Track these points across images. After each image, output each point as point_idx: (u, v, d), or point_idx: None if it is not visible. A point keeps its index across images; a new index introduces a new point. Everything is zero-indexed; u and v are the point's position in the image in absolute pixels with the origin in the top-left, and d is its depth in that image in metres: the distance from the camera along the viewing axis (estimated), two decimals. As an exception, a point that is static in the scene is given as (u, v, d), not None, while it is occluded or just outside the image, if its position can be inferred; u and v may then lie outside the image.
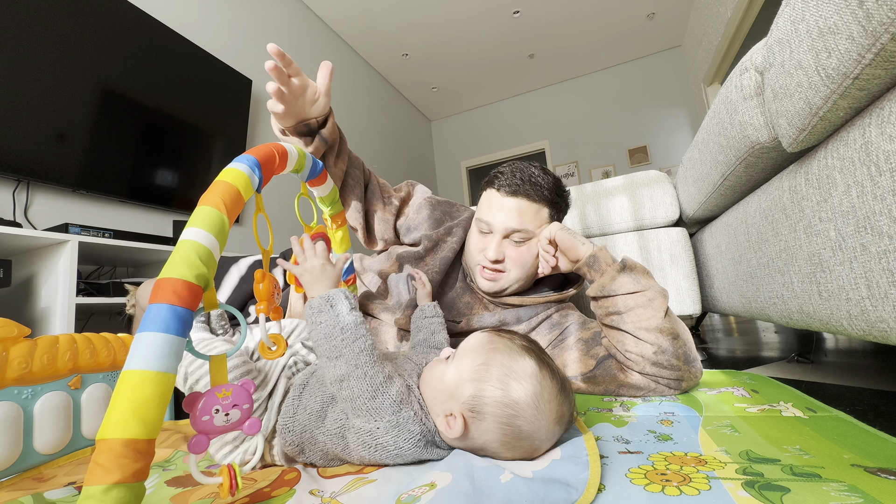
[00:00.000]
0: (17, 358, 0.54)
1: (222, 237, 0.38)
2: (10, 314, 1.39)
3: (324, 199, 0.68)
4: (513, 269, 0.79)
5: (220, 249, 0.39)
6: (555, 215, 0.81)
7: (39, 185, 1.58)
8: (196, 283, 0.35)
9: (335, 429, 0.46)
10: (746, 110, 0.69)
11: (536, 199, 0.77)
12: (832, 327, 0.59)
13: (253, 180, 0.42)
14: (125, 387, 0.31)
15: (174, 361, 0.33)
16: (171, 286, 0.34)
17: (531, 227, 0.78)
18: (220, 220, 0.38)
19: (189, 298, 0.35)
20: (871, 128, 0.45)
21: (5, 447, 0.53)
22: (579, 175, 4.81)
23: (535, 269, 0.82)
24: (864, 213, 0.47)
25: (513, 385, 0.42)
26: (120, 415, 0.30)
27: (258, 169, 0.43)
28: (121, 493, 0.29)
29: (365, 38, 3.87)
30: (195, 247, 0.36)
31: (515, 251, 0.79)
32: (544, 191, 0.78)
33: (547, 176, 0.80)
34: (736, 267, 0.94)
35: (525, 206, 0.77)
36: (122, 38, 1.85)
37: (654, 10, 3.85)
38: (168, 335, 0.33)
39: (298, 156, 0.52)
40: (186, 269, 0.35)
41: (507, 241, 0.79)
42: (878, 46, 0.39)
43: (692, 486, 0.35)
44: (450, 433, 0.43)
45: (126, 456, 0.29)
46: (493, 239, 0.78)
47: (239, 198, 0.40)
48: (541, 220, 0.78)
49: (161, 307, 0.33)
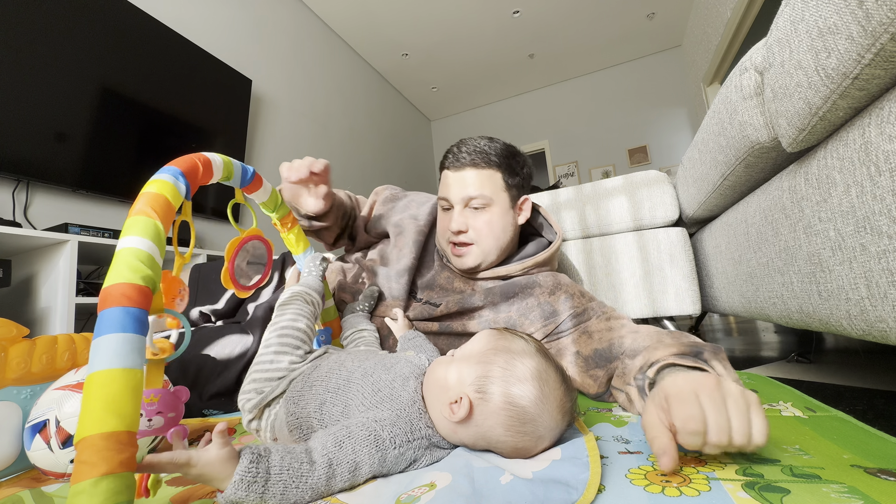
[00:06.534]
0: (16, 358, 0.54)
1: (160, 242, 0.39)
2: (10, 314, 1.39)
3: (266, 205, 0.66)
4: (480, 240, 0.80)
5: (161, 255, 0.39)
6: (509, 179, 0.81)
7: (39, 184, 1.58)
8: (144, 285, 0.36)
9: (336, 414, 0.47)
10: (746, 110, 0.69)
11: (485, 165, 0.79)
12: (832, 327, 0.59)
13: (179, 188, 0.43)
14: (93, 387, 0.31)
15: (138, 358, 0.33)
16: (120, 290, 0.34)
17: (487, 193, 0.79)
18: (154, 225, 0.38)
19: (140, 299, 0.35)
20: (871, 128, 0.45)
21: (4, 447, 0.53)
22: (579, 175, 4.81)
23: (505, 238, 0.82)
24: (863, 213, 0.47)
25: (518, 367, 0.44)
26: (94, 412, 0.30)
27: (182, 177, 0.44)
28: (111, 484, 0.29)
29: (365, 38, 3.88)
30: (134, 252, 0.36)
31: (478, 219, 0.79)
32: (491, 156, 0.80)
33: (494, 143, 0.82)
34: (736, 267, 0.94)
35: (475, 174, 0.79)
36: (123, 38, 1.85)
37: (653, 9, 3.85)
38: (126, 334, 0.33)
39: (224, 164, 0.52)
40: (130, 273, 0.35)
41: (468, 210, 0.80)
42: (877, 46, 0.39)
43: (692, 486, 0.35)
44: (453, 417, 0.43)
45: (109, 448, 0.29)
46: (454, 211, 0.81)
47: (168, 205, 0.41)
48: (495, 184, 0.80)
49: (112, 310, 0.33)
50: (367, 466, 0.41)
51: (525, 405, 0.42)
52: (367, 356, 0.55)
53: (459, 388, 0.44)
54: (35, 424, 0.50)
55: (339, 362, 0.53)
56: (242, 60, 2.62)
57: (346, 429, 0.42)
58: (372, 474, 0.42)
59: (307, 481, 0.37)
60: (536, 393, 0.42)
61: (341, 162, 3.63)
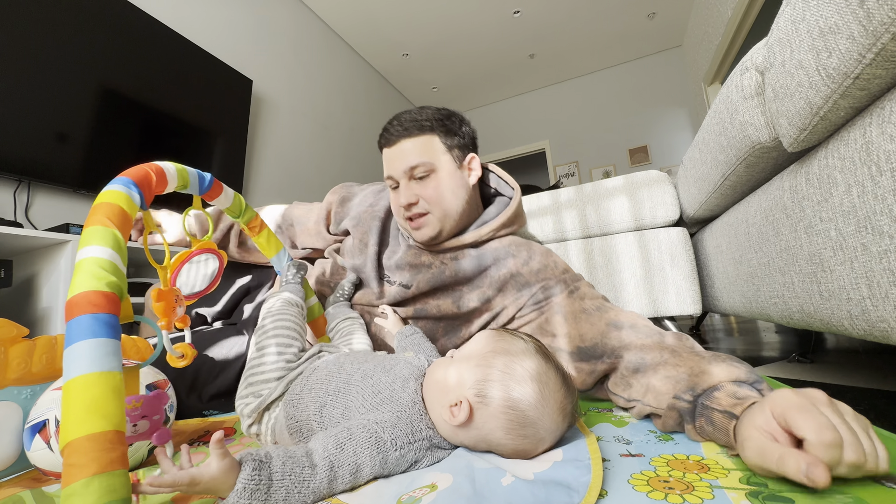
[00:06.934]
0: (16, 358, 0.54)
1: (120, 250, 0.38)
2: (12, 314, 1.39)
3: (230, 211, 0.65)
4: (433, 208, 0.77)
5: (124, 262, 0.38)
6: (447, 140, 0.79)
7: (40, 185, 1.58)
8: (109, 291, 0.35)
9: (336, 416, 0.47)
10: (747, 110, 0.69)
11: (418, 132, 0.77)
12: (833, 327, 0.59)
13: (133, 197, 0.42)
14: (72, 394, 0.30)
15: (114, 360, 0.33)
16: (86, 299, 0.34)
17: (427, 159, 0.77)
18: (112, 234, 0.38)
19: (107, 305, 0.34)
20: (872, 127, 0.45)
21: (5, 447, 0.53)
22: (580, 175, 4.81)
23: (459, 202, 0.79)
24: (864, 212, 0.47)
25: (518, 370, 0.43)
26: (76, 416, 0.30)
27: (135, 187, 0.43)
28: (102, 482, 0.28)
29: (365, 38, 3.87)
30: (96, 261, 0.36)
31: (426, 188, 0.77)
32: (423, 122, 0.78)
33: (425, 110, 0.80)
34: (737, 267, 0.94)
35: (410, 143, 0.77)
36: (123, 39, 1.85)
37: (654, 9, 3.84)
38: (98, 339, 0.32)
39: (178, 172, 0.51)
40: (94, 281, 0.35)
41: (413, 182, 0.78)
42: (878, 46, 0.39)
43: (695, 494, 0.35)
44: (454, 421, 0.43)
45: (96, 449, 0.29)
46: (401, 186, 0.79)
47: (124, 213, 0.40)
48: (434, 149, 0.78)
49: (81, 318, 0.33)
50: (369, 468, 0.41)
51: (525, 409, 0.42)
52: (365, 358, 0.55)
53: (459, 390, 0.44)
54: (34, 424, 0.50)
55: (338, 364, 0.53)
56: (243, 61, 2.62)
57: (347, 431, 0.42)
58: (373, 476, 0.42)
59: (309, 485, 0.37)
60: (537, 396, 0.42)
61: (342, 162, 3.63)
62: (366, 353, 0.59)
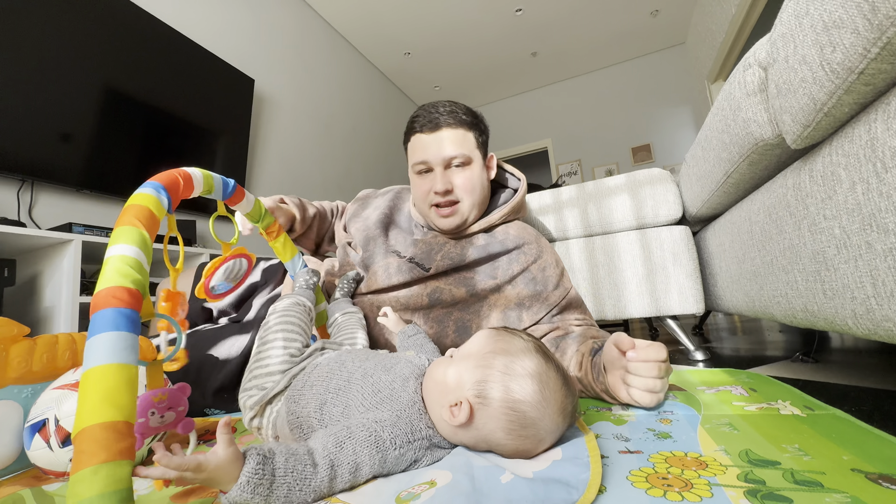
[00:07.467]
0: (17, 357, 0.54)
1: (146, 250, 0.40)
2: (15, 313, 1.40)
3: (251, 216, 0.66)
4: (465, 196, 0.82)
5: (148, 262, 0.40)
6: (479, 137, 0.85)
7: (43, 184, 1.59)
8: (134, 288, 0.37)
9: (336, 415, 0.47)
10: (750, 107, 0.69)
11: (458, 125, 0.82)
12: (837, 326, 0.58)
13: (162, 201, 0.44)
14: (89, 382, 0.32)
15: (132, 354, 0.34)
16: (111, 293, 0.35)
17: (466, 151, 0.82)
18: (140, 234, 0.40)
19: (131, 301, 0.36)
20: (877, 124, 0.44)
21: (5, 446, 0.53)
22: (582, 173, 4.79)
23: (484, 195, 0.86)
24: (869, 210, 0.47)
25: (518, 370, 0.43)
26: (91, 404, 0.31)
27: (164, 191, 0.45)
28: (110, 471, 0.29)
29: (367, 38, 3.87)
30: (123, 259, 0.38)
31: (461, 177, 0.82)
32: (462, 115, 0.83)
33: (458, 105, 0.85)
34: (740, 265, 0.94)
35: (451, 133, 0.82)
36: (126, 39, 1.86)
37: (657, 7, 3.83)
38: (119, 332, 0.34)
39: (205, 178, 0.53)
40: (121, 278, 0.37)
41: (450, 170, 0.82)
42: (883, 40, 0.38)
43: (694, 492, 0.35)
44: (454, 421, 0.43)
45: (107, 437, 0.30)
46: (436, 173, 0.82)
47: (152, 216, 0.42)
48: (470, 143, 0.83)
49: (105, 311, 0.34)
50: (368, 467, 0.41)
51: (525, 409, 0.42)
52: (367, 356, 0.55)
53: (459, 391, 0.44)
54: (34, 423, 0.51)
55: (339, 362, 0.53)
56: (245, 60, 2.63)
57: (346, 429, 0.42)
58: (372, 475, 0.42)
59: (311, 483, 0.37)
60: (537, 397, 0.42)
61: (344, 161, 3.64)
62: (367, 351, 0.59)
